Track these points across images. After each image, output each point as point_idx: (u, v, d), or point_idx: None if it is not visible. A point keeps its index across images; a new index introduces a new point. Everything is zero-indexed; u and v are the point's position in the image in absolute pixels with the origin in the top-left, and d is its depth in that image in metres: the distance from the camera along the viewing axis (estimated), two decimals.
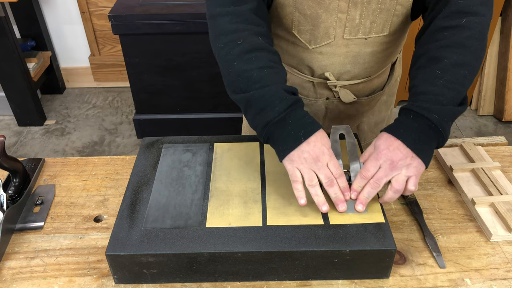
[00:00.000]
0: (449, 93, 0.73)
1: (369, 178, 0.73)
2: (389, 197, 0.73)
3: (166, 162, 0.87)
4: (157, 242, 0.70)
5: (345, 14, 0.85)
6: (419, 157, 0.72)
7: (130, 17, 1.99)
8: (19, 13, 2.53)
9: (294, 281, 0.73)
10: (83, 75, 2.86)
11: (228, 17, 0.79)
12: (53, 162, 0.99)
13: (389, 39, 0.92)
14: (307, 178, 0.73)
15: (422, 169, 0.73)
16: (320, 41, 0.90)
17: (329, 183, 0.73)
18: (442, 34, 0.76)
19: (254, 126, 0.77)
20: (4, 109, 2.59)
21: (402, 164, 0.72)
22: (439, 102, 0.72)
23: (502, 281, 0.72)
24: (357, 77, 0.98)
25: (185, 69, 2.17)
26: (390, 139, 0.73)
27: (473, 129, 2.50)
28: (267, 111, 0.74)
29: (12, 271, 0.75)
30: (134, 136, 2.48)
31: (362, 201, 0.73)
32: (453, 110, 0.73)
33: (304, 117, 0.75)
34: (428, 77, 0.74)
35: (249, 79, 0.75)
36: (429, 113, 0.72)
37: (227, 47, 0.78)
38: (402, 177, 0.72)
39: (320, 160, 0.73)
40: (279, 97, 0.74)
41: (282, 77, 0.78)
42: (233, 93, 0.79)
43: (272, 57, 0.79)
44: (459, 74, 0.74)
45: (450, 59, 0.74)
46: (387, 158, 0.72)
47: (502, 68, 2.46)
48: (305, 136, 0.73)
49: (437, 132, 0.72)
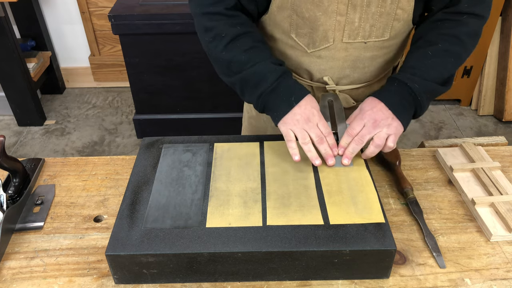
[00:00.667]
0: (434, 73, 0.84)
1: (354, 135, 0.83)
2: (370, 151, 0.83)
3: (166, 162, 0.87)
4: (157, 242, 0.70)
5: (344, 17, 0.85)
6: (399, 119, 0.82)
7: (130, 17, 1.99)
8: (19, 13, 2.53)
9: (294, 281, 0.73)
10: (83, 75, 2.86)
11: (208, 16, 0.87)
12: (53, 162, 0.99)
13: (390, 43, 0.91)
14: (300, 137, 0.82)
15: (401, 130, 0.83)
16: (318, 44, 0.90)
17: (319, 140, 0.82)
18: (443, 24, 0.86)
19: (251, 100, 0.87)
20: (4, 109, 2.59)
21: (384, 123, 0.82)
22: (422, 76, 0.84)
23: (502, 281, 0.72)
24: (356, 81, 0.97)
25: (185, 69, 2.17)
26: (374, 101, 0.84)
27: (473, 129, 2.50)
28: (261, 84, 0.84)
29: (12, 271, 0.75)
30: (134, 136, 2.48)
31: (347, 155, 0.83)
32: (433, 86, 0.84)
33: (293, 84, 0.85)
34: (420, 56, 0.86)
35: (240, 62, 0.85)
36: (411, 82, 0.83)
37: (214, 40, 0.87)
38: (383, 134, 0.82)
39: (311, 121, 0.82)
40: (269, 70, 0.84)
41: (267, 53, 0.87)
42: (227, 77, 0.88)
43: (255, 37, 0.87)
44: (447, 60, 0.85)
45: (443, 45, 0.85)
46: (370, 117, 0.82)
47: (502, 68, 2.46)
48: (296, 101, 0.83)
49: (416, 100, 0.83)
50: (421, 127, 2.52)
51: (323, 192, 0.79)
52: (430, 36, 0.86)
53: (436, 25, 0.87)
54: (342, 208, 0.75)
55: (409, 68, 0.85)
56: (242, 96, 0.89)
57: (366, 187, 0.80)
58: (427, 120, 2.57)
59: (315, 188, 0.80)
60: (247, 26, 0.88)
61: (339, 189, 0.80)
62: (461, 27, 0.85)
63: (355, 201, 0.77)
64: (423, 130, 2.50)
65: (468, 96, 2.64)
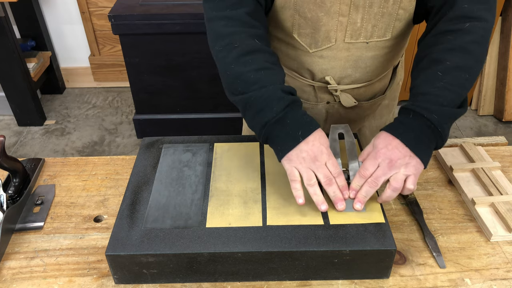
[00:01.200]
0: (449, 94, 0.73)
1: (367, 177, 0.73)
2: (387, 195, 0.73)
3: (166, 162, 0.87)
4: (157, 242, 0.70)
5: (346, 17, 0.85)
6: (418, 157, 0.72)
7: (130, 17, 1.99)
8: (19, 13, 2.52)
9: (294, 281, 0.73)
10: (83, 75, 2.86)
11: (224, 21, 0.79)
12: (53, 162, 0.99)
13: (391, 43, 0.91)
14: (306, 178, 0.73)
15: (421, 168, 0.73)
16: (320, 44, 0.90)
17: (328, 182, 0.73)
18: (446, 37, 0.77)
19: (253, 126, 0.78)
20: (4, 109, 2.59)
21: (401, 163, 0.72)
22: (438, 103, 0.72)
23: (502, 281, 0.72)
24: (358, 81, 0.97)
25: (185, 69, 2.17)
26: (388, 138, 0.74)
27: (473, 129, 2.50)
28: (265, 112, 0.74)
29: (12, 271, 0.75)
30: (134, 136, 2.48)
31: (360, 199, 0.73)
32: (452, 111, 0.73)
33: (302, 117, 0.75)
34: (429, 78, 0.75)
35: (247, 81, 0.76)
36: (428, 113, 0.72)
37: (225, 50, 0.78)
38: (400, 175, 0.72)
39: (319, 160, 0.73)
40: (277, 97, 0.74)
41: (280, 77, 0.78)
42: (231, 95, 0.79)
43: (269, 58, 0.79)
44: (460, 77, 0.74)
45: (452, 61, 0.74)
46: (385, 157, 0.72)
47: (502, 68, 2.46)
48: (303, 136, 0.73)
49: (436, 132, 0.72)
50: None
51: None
52: (436, 54, 0.76)
53: (438, 40, 0.78)
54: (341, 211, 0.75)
55: (421, 94, 0.74)
56: (244, 117, 0.81)
57: None
58: None
59: None
60: (264, 42, 0.81)
61: None
62: (465, 36, 0.75)
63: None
64: None
65: (468, 96, 2.63)
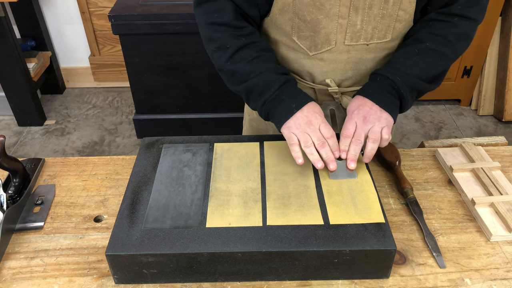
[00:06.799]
0: (417, 69, 0.85)
1: (350, 135, 0.82)
2: (369, 148, 0.81)
3: (166, 162, 0.87)
4: (157, 242, 0.70)
5: (346, 19, 0.84)
6: (387, 111, 0.83)
7: (130, 17, 1.99)
8: (19, 13, 2.53)
9: (294, 281, 0.73)
10: (83, 75, 2.86)
11: (213, 26, 0.87)
12: (53, 162, 0.99)
13: (391, 45, 0.91)
14: (302, 141, 0.80)
15: (392, 121, 0.83)
16: (320, 47, 0.90)
17: (321, 144, 0.80)
18: (434, 24, 0.87)
19: (255, 108, 0.88)
20: (4, 109, 2.59)
21: (374, 117, 0.82)
22: (404, 71, 0.84)
23: (502, 281, 0.72)
24: (358, 83, 0.97)
25: (185, 69, 2.17)
26: (359, 99, 0.85)
27: (473, 129, 2.50)
28: (264, 93, 0.85)
29: (12, 271, 0.75)
30: (134, 136, 2.48)
31: (351, 158, 0.80)
32: (416, 81, 0.84)
33: (296, 92, 0.85)
34: (406, 53, 0.87)
35: (244, 72, 0.86)
36: (393, 75, 0.84)
37: (219, 51, 0.87)
38: (376, 128, 0.81)
39: (313, 124, 0.81)
40: (272, 79, 0.85)
41: (272, 61, 0.88)
42: (233, 85, 0.89)
43: (259, 47, 0.87)
44: (433, 59, 0.85)
45: (431, 44, 0.85)
46: (359, 115, 0.83)
47: (502, 68, 2.46)
48: (298, 107, 0.82)
49: (399, 92, 0.84)
50: (421, 127, 2.52)
51: (323, 192, 0.79)
52: (420, 35, 0.87)
53: (427, 25, 0.87)
54: (342, 208, 0.76)
55: (393, 63, 0.86)
56: (248, 103, 0.90)
57: (366, 187, 0.80)
58: (427, 120, 2.57)
59: (315, 188, 0.80)
60: (252, 37, 0.88)
61: (339, 189, 0.80)
62: (451, 28, 0.85)
63: (355, 201, 0.77)
64: (423, 130, 2.50)
65: (468, 96, 2.64)
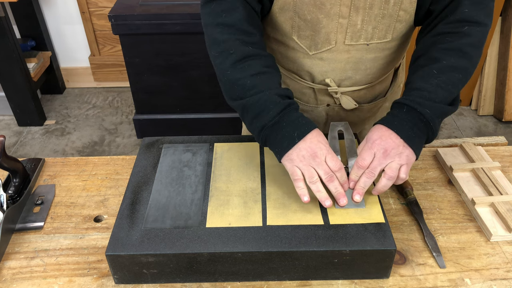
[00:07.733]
0: (442, 92, 0.76)
1: (365, 166, 0.75)
2: (383, 185, 0.75)
3: (166, 162, 0.87)
4: (157, 242, 0.70)
5: (346, 19, 0.84)
6: (411, 147, 0.75)
7: (130, 17, 1.99)
8: (19, 13, 2.53)
9: (294, 281, 0.73)
10: (83, 75, 2.86)
11: (219, 28, 0.81)
12: (53, 162, 0.99)
13: (392, 45, 0.91)
14: (308, 176, 0.74)
15: (413, 159, 0.76)
16: (320, 46, 0.89)
17: (329, 178, 0.74)
18: (444, 38, 0.80)
19: (251, 130, 0.80)
20: (4, 109, 2.59)
21: (395, 152, 0.74)
22: (431, 99, 0.76)
23: (502, 281, 0.72)
24: (358, 83, 0.96)
25: (185, 69, 2.17)
26: (382, 129, 0.77)
27: (473, 129, 2.50)
28: (262, 116, 0.76)
29: (12, 271, 0.75)
30: (134, 136, 2.48)
31: (359, 191, 0.75)
32: (444, 108, 0.77)
33: (298, 119, 0.77)
34: (425, 75, 0.78)
35: (244, 87, 0.78)
36: (421, 107, 0.75)
37: (221, 56, 0.81)
38: (395, 164, 0.74)
39: (318, 156, 0.74)
40: (273, 101, 0.76)
41: (276, 80, 0.80)
42: (230, 100, 0.82)
43: (264, 62, 0.81)
44: (454, 77, 0.77)
45: (448, 61, 0.78)
46: (380, 147, 0.75)
47: (502, 68, 2.46)
48: (299, 137, 0.75)
49: (428, 126, 0.76)
50: None
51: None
52: (432, 53, 0.80)
53: (436, 40, 0.81)
54: (342, 208, 0.75)
55: (415, 90, 0.77)
56: (243, 121, 0.83)
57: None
58: None
59: None
60: (259, 48, 0.82)
61: None
62: (463, 39, 0.79)
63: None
64: None
65: (468, 96, 2.64)
